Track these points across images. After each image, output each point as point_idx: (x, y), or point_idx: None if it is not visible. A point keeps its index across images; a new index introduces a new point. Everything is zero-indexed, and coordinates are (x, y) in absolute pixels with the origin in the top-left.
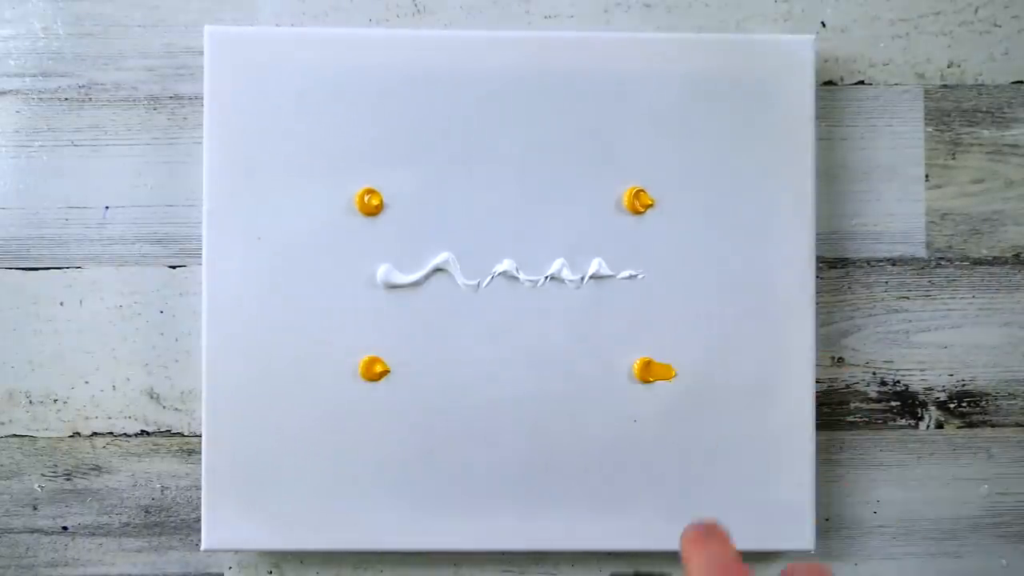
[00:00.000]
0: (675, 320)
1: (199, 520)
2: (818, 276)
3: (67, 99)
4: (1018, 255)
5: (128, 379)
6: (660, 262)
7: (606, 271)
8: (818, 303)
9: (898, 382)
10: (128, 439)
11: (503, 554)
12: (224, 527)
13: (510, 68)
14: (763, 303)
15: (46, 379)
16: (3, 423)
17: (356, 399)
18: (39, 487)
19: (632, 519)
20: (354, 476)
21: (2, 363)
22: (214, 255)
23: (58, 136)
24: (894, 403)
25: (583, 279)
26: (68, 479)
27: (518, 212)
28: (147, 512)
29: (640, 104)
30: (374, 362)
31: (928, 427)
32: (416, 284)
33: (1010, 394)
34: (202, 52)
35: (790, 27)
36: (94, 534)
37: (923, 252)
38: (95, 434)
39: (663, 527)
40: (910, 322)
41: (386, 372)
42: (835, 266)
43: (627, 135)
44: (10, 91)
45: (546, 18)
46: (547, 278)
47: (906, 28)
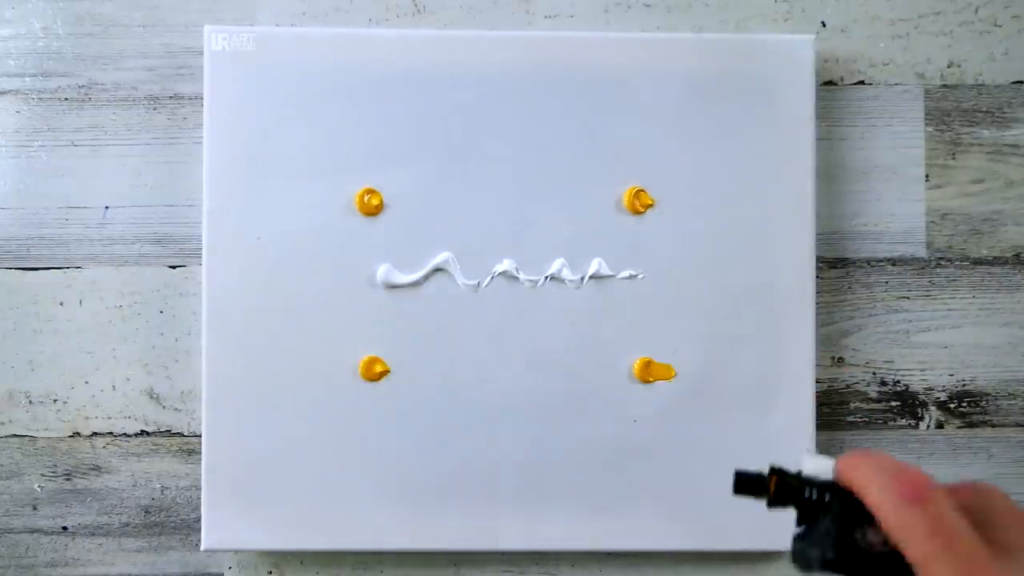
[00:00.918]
0: (675, 320)
1: (199, 520)
2: (818, 276)
3: (67, 99)
4: (1018, 255)
5: (128, 379)
6: (660, 262)
7: (606, 271)
8: (818, 303)
9: (898, 382)
10: (128, 439)
11: (503, 554)
12: (224, 527)
13: (510, 68)
14: (763, 303)
15: (46, 379)
16: (3, 423)
17: (356, 399)
18: (39, 487)
19: (632, 519)
20: (354, 476)
21: (2, 363)
22: (214, 255)
23: (58, 136)
24: (894, 403)
25: (583, 279)
26: (68, 479)
27: (518, 212)
28: (147, 512)
29: (640, 104)
30: (374, 362)
31: (928, 427)
32: (416, 284)
33: (1010, 394)
34: (202, 52)
35: (790, 27)
36: (94, 534)
37: (923, 252)
38: (95, 434)
39: (663, 527)
40: (910, 322)
41: (386, 372)
42: (835, 266)
43: (627, 135)
44: (10, 91)
45: (546, 18)
46: (547, 278)
47: (906, 28)
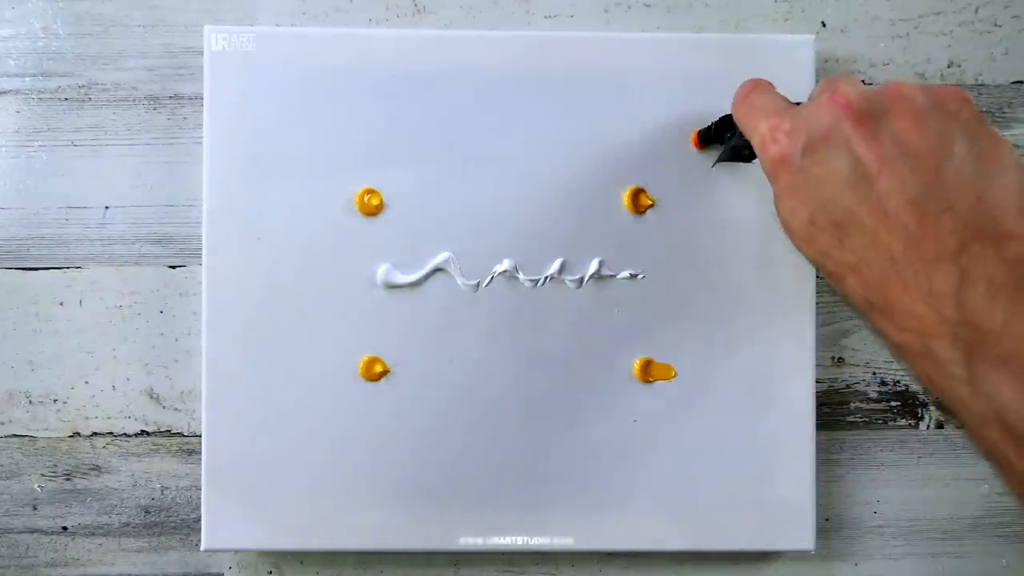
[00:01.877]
0: (675, 320)
1: (199, 520)
2: (818, 276)
3: (67, 99)
4: None
5: (128, 379)
6: (660, 262)
7: (606, 271)
8: (818, 303)
9: (898, 382)
10: (128, 439)
11: (503, 554)
12: (224, 527)
13: (510, 68)
14: (763, 303)
15: (46, 379)
16: (3, 423)
17: (356, 399)
18: (39, 487)
19: (632, 519)
20: (354, 476)
21: (2, 363)
22: (214, 255)
23: (58, 136)
24: (894, 403)
25: (583, 279)
26: (68, 479)
27: (518, 212)
28: (147, 512)
29: (640, 104)
30: (374, 362)
31: (928, 427)
32: (416, 284)
33: None
34: (202, 52)
35: (790, 27)
36: (94, 534)
37: None
38: (95, 434)
39: (663, 527)
40: None
41: (386, 372)
42: None
43: (627, 135)
44: (10, 91)
45: (546, 18)
46: (547, 278)
47: (906, 28)
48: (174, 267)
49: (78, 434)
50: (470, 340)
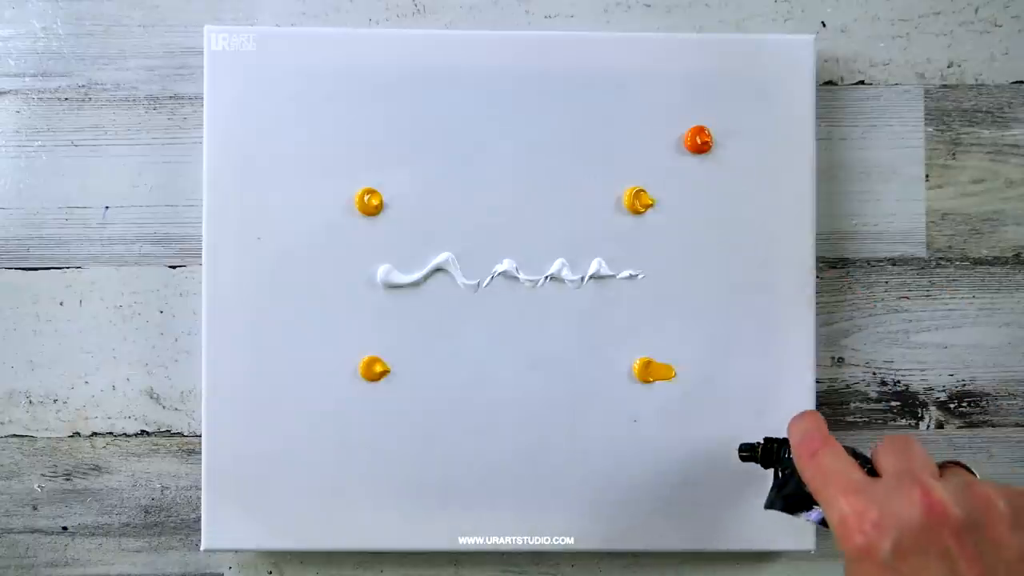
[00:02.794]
0: (675, 320)
1: (199, 520)
2: (818, 276)
3: (67, 99)
4: (1018, 255)
5: (128, 379)
6: (660, 262)
7: (606, 271)
8: (818, 303)
9: (898, 382)
10: (128, 439)
11: (503, 554)
12: (224, 527)
13: (510, 68)
14: (763, 303)
15: (46, 379)
16: (3, 423)
17: (356, 399)
18: (39, 487)
19: (632, 519)
20: (354, 476)
21: (2, 363)
22: (214, 255)
23: (58, 136)
24: (894, 403)
25: (583, 279)
26: (68, 479)
27: (518, 212)
28: (147, 512)
29: (640, 104)
30: (374, 362)
31: (928, 427)
32: (416, 284)
33: (1010, 394)
34: (202, 52)
35: (790, 27)
36: (94, 534)
37: (923, 252)
38: (95, 434)
39: (663, 527)
40: (910, 322)
41: (386, 372)
42: (835, 266)
43: (627, 135)
44: (10, 91)
45: (546, 18)
46: (547, 278)
47: (906, 28)
48: (174, 267)
49: (78, 434)
50: (470, 340)
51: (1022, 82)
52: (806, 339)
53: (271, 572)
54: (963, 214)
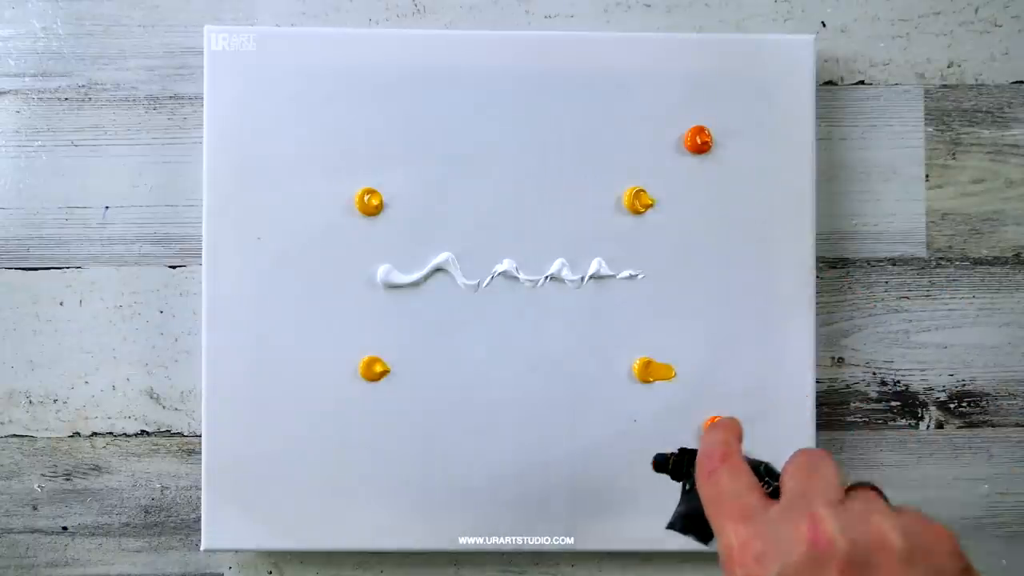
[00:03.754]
0: (675, 320)
1: (199, 520)
2: (818, 276)
3: (67, 99)
4: (1018, 255)
5: (128, 379)
6: (660, 262)
7: (606, 271)
8: (818, 303)
9: (898, 382)
10: (128, 439)
11: (503, 554)
12: (224, 527)
13: (510, 68)
14: (763, 303)
15: (46, 379)
16: (3, 423)
17: (356, 399)
18: (39, 487)
19: (632, 519)
20: (354, 476)
21: (2, 363)
22: (214, 255)
23: (58, 136)
24: (894, 403)
25: (583, 279)
26: (68, 479)
27: (518, 212)
28: (147, 512)
29: (640, 104)
30: (374, 362)
31: (928, 427)
32: (416, 284)
33: (1010, 394)
34: (202, 52)
35: (790, 27)
36: (94, 534)
37: (923, 252)
38: (95, 434)
39: (663, 527)
40: (910, 322)
41: (386, 372)
42: (835, 266)
43: (627, 135)
44: (10, 91)
45: (546, 18)
46: (547, 278)
47: (906, 28)
48: (174, 267)
49: (78, 434)
50: (470, 340)
51: (1022, 82)
52: (806, 339)
53: (271, 572)
54: (963, 214)
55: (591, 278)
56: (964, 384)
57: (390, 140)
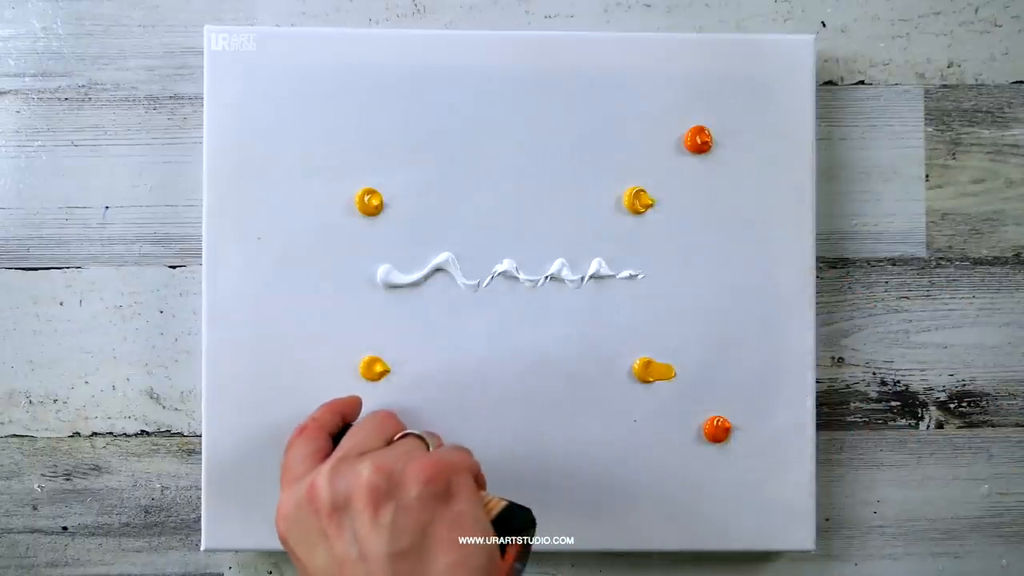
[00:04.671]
0: (675, 320)
1: (199, 520)
2: (818, 276)
3: (67, 99)
4: (1018, 255)
5: (128, 379)
6: (660, 262)
7: (606, 271)
8: (818, 303)
9: (898, 382)
10: (128, 439)
11: None
12: (224, 527)
13: (510, 68)
14: (763, 303)
15: (46, 379)
16: (3, 423)
17: None
18: (39, 487)
19: (632, 519)
20: None
21: (2, 363)
22: (214, 255)
23: (58, 136)
24: (894, 403)
25: (583, 279)
26: (68, 479)
27: (518, 212)
28: (147, 512)
29: (640, 104)
30: (374, 362)
31: (928, 427)
32: (416, 284)
33: (1010, 394)
34: (202, 52)
35: (790, 27)
36: (94, 534)
37: (923, 252)
38: (95, 434)
39: (663, 527)
40: (910, 322)
41: (386, 372)
42: (835, 266)
43: (627, 135)
44: (10, 91)
45: (546, 18)
46: (547, 278)
47: (906, 28)
48: (174, 267)
49: (78, 434)
50: (470, 340)
51: (1022, 82)
52: (806, 339)
53: (271, 572)
54: (963, 214)
55: (591, 278)
56: (964, 384)
57: (390, 140)
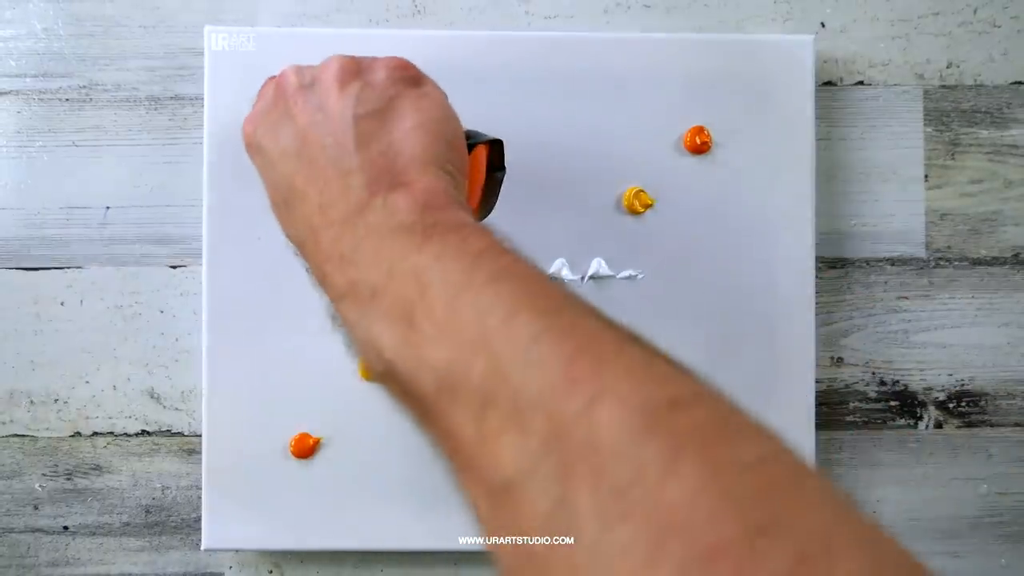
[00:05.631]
0: (675, 320)
1: (199, 520)
2: (818, 276)
3: (68, 99)
4: (1017, 255)
5: (128, 379)
6: (660, 262)
7: (606, 271)
8: (818, 303)
9: (897, 382)
10: (128, 439)
11: None
12: (224, 527)
13: (510, 68)
14: (763, 303)
15: (47, 379)
16: (4, 423)
17: (356, 399)
18: (40, 487)
19: None
20: (354, 476)
21: (3, 363)
22: (214, 255)
23: (59, 136)
24: (893, 403)
25: (583, 279)
26: (69, 479)
27: (518, 212)
28: (147, 512)
29: (640, 104)
30: None
31: (927, 427)
32: None
33: (1010, 394)
34: (202, 52)
35: (790, 27)
36: (95, 534)
37: (923, 252)
38: (96, 434)
39: None
40: (910, 322)
41: None
42: (835, 266)
43: (627, 135)
44: (11, 91)
45: (546, 18)
46: None
47: (906, 28)
48: (174, 267)
49: (79, 434)
50: None
51: (1021, 82)
52: (806, 339)
53: (271, 572)
54: (962, 214)
55: (591, 278)
56: (963, 384)
57: None
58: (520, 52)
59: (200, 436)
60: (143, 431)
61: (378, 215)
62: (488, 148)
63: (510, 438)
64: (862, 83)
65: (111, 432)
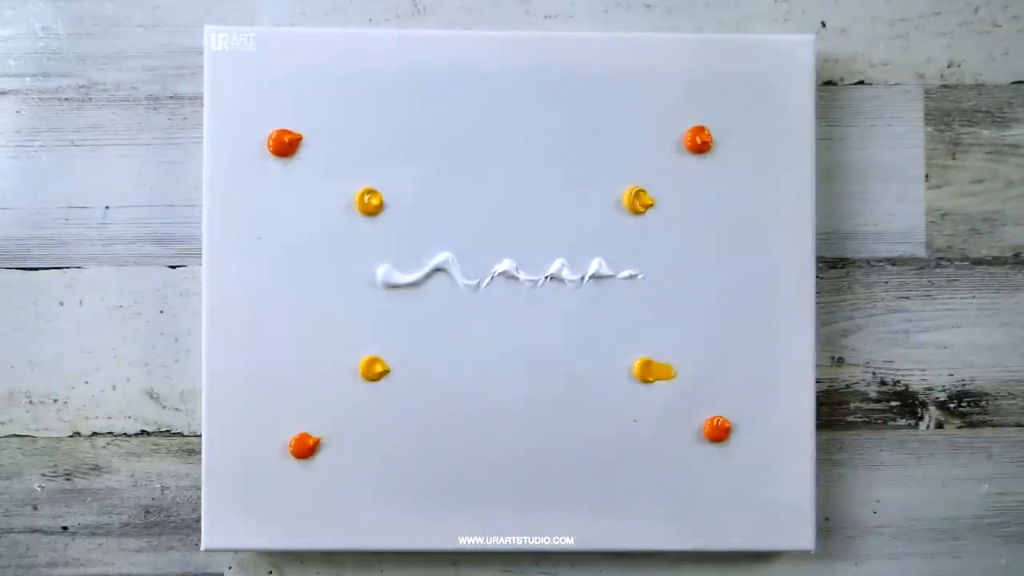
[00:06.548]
0: (675, 320)
1: (199, 520)
2: (818, 276)
3: (67, 99)
4: (1018, 255)
5: (128, 379)
6: (660, 262)
7: (606, 271)
8: (818, 303)
9: (898, 382)
10: (128, 439)
11: (503, 554)
12: (224, 527)
13: (510, 68)
14: (763, 303)
15: (46, 379)
16: (3, 423)
17: (356, 399)
18: (39, 487)
19: (632, 519)
20: (354, 476)
21: (2, 363)
22: (214, 255)
23: (58, 136)
24: (894, 403)
25: (583, 279)
26: (68, 479)
27: (518, 212)
28: (147, 512)
29: (640, 104)
30: (374, 362)
31: (928, 427)
32: (416, 284)
33: (1010, 394)
34: (202, 52)
35: (790, 27)
36: (94, 534)
37: (923, 252)
38: (95, 434)
39: (663, 527)
40: (910, 322)
41: (386, 372)
42: (835, 266)
43: (627, 135)
44: (10, 91)
45: (546, 18)
46: (547, 278)
47: (906, 28)
48: (174, 267)
49: (78, 434)
50: (470, 340)
51: (1022, 82)
52: (806, 339)
53: (271, 572)
54: (963, 214)
55: (591, 278)
56: (964, 384)
57: (390, 140)
58: (520, 52)
59: (200, 436)
60: (143, 431)
61: None
62: None
63: None
64: (862, 83)
65: (110, 432)
